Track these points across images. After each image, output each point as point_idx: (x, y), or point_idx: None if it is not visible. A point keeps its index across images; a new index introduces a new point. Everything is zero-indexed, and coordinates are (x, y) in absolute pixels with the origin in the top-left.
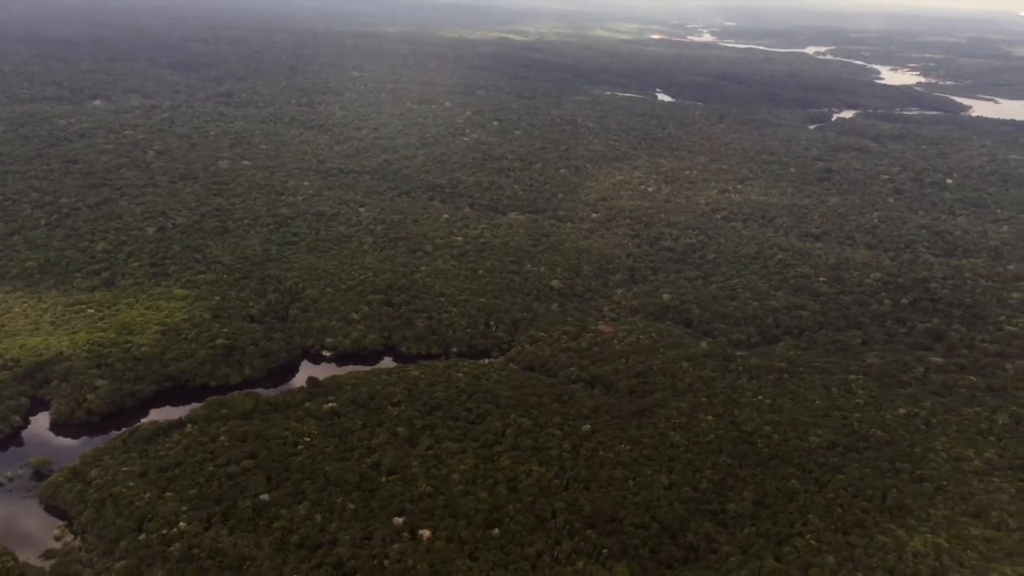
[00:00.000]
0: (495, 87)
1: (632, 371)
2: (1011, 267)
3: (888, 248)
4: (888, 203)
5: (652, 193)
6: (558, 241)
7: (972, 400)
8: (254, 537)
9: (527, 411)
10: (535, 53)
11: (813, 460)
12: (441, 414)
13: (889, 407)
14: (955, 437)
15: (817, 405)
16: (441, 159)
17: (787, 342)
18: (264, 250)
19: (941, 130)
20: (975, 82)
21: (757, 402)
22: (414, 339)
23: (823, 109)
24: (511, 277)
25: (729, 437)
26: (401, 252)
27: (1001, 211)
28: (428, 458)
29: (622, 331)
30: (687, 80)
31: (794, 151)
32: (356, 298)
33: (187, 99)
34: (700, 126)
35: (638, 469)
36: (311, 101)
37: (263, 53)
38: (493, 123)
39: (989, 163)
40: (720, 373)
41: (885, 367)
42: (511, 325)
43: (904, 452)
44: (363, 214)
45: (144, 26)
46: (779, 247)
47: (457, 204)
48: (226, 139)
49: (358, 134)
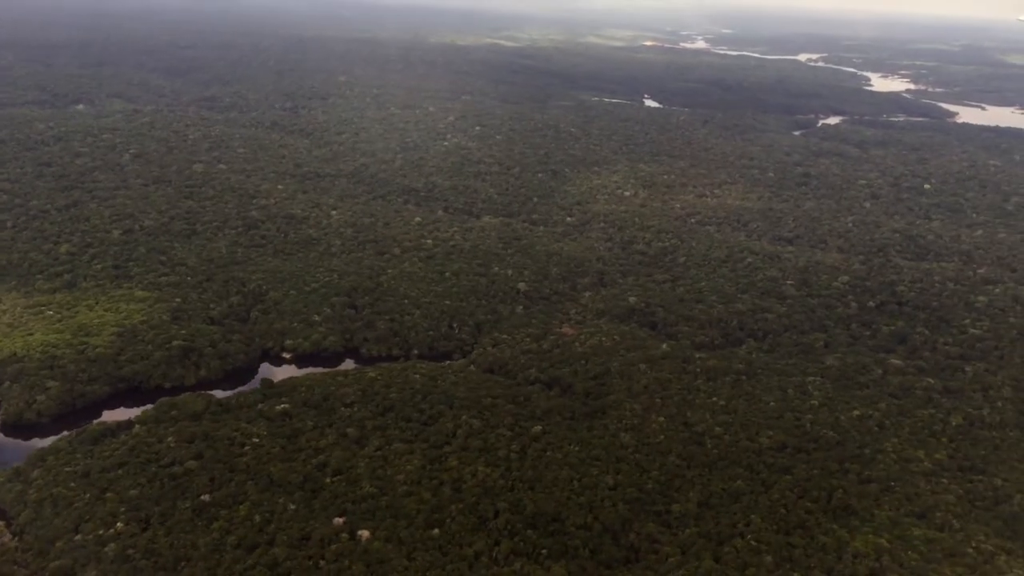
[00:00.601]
0: (481, 92)
1: (590, 373)
2: (981, 271)
3: (860, 252)
4: (864, 208)
5: (628, 197)
6: (529, 244)
7: (928, 402)
8: (191, 538)
9: (480, 412)
10: (525, 59)
11: (762, 461)
12: (394, 415)
13: (844, 409)
14: (907, 439)
15: (771, 407)
16: (419, 163)
17: (750, 344)
18: (230, 252)
19: (924, 136)
20: (964, 89)
21: (711, 403)
22: (375, 341)
23: (809, 115)
24: (477, 280)
25: (679, 438)
26: (369, 255)
27: (976, 216)
28: (375, 459)
29: (585, 333)
30: (676, 86)
31: (774, 156)
32: (319, 300)
33: (170, 103)
34: (682, 131)
35: (585, 470)
36: (295, 105)
37: (251, 58)
38: (475, 128)
39: (968, 168)
40: (677, 375)
41: (844, 369)
42: (475, 327)
43: (854, 453)
44: (334, 217)
45: (133, 31)
46: (749, 251)
47: (431, 208)
48: (204, 143)
49: (338, 138)
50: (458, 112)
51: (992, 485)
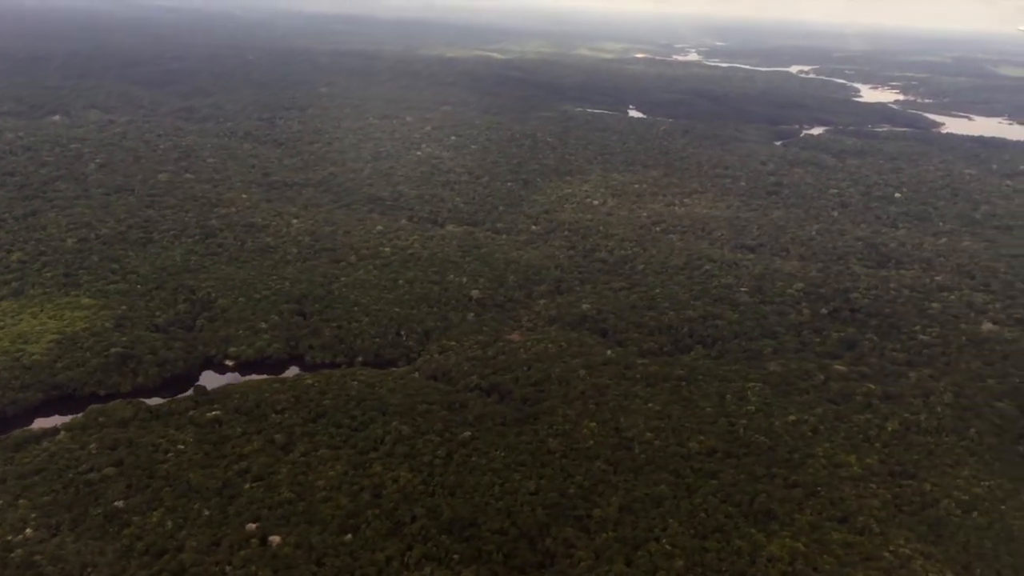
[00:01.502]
0: (462, 103)
1: (530, 379)
2: (938, 278)
3: (820, 260)
4: (832, 216)
5: (596, 206)
6: (488, 253)
7: (867, 407)
8: (100, 544)
9: (412, 418)
10: (512, 71)
11: (689, 466)
12: (324, 421)
13: (780, 414)
14: (840, 444)
15: (707, 412)
16: (387, 173)
17: (699, 351)
18: (184, 261)
19: (904, 146)
20: (953, 100)
21: (646, 409)
22: (320, 348)
23: (793, 126)
24: (431, 287)
25: (608, 443)
26: (324, 262)
27: (943, 224)
28: (299, 465)
29: (531, 340)
30: (662, 97)
31: (749, 166)
32: (268, 308)
33: (147, 114)
34: (660, 141)
35: (508, 475)
36: (272, 116)
37: (234, 70)
38: (450, 138)
39: (943, 177)
40: (616, 381)
41: (785, 375)
42: (423, 334)
43: (783, 458)
44: (295, 225)
45: (119, 43)
46: (708, 258)
47: (395, 216)
48: (174, 152)
49: (310, 148)
50: (436, 122)
51: (920, 490)
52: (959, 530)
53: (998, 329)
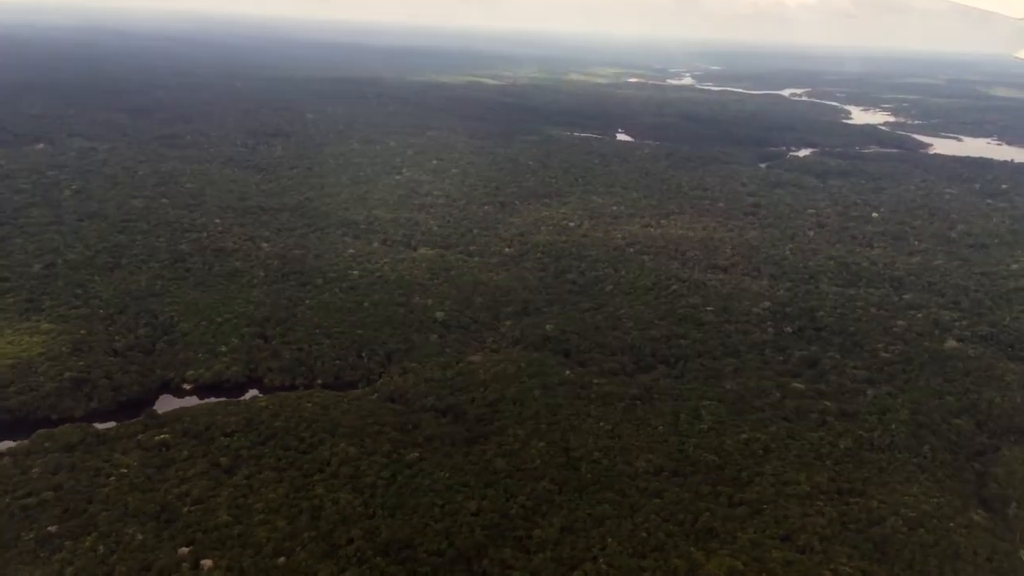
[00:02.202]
0: (448, 128)
1: (486, 400)
2: (907, 296)
3: (791, 279)
4: (807, 236)
5: (572, 228)
6: (457, 275)
7: (821, 425)
8: (30, 569)
9: (361, 440)
10: (502, 96)
11: (634, 485)
12: (273, 444)
13: (732, 432)
14: (791, 462)
15: (659, 431)
16: (364, 196)
17: (660, 370)
18: (149, 285)
19: (887, 166)
20: (943, 121)
21: (597, 428)
22: (279, 371)
23: (780, 148)
24: (396, 309)
25: (555, 463)
26: (290, 286)
27: (919, 243)
28: (240, 487)
29: (492, 361)
30: (650, 121)
31: (729, 187)
32: (229, 331)
33: (130, 141)
34: (642, 164)
35: (450, 496)
36: (256, 142)
37: (221, 98)
38: (432, 162)
39: (923, 197)
40: (570, 400)
41: (742, 393)
42: (385, 356)
43: (731, 477)
44: (265, 249)
45: (107, 72)
46: (677, 278)
47: (368, 240)
48: (153, 178)
49: (289, 173)
50: (418, 147)
51: (868, 507)
52: (904, 548)
53: (961, 346)
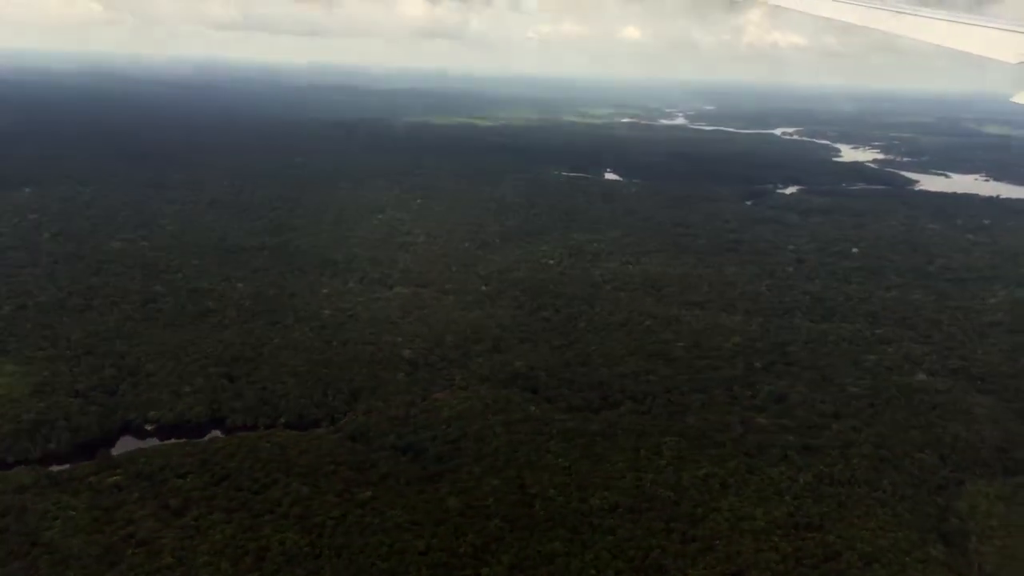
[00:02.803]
0: (436, 168)
1: (448, 437)
2: (879, 331)
3: (766, 314)
4: (786, 272)
5: (551, 266)
6: (430, 313)
7: (782, 459)
8: None
9: (315, 480)
10: (494, 136)
11: (588, 522)
12: (226, 484)
13: (691, 468)
14: (749, 497)
15: (617, 467)
16: (345, 236)
17: (628, 406)
18: (119, 326)
19: (871, 203)
20: (932, 158)
21: (555, 465)
22: (242, 411)
23: (767, 185)
24: (364, 348)
25: (509, 501)
26: (260, 325)
27: (896, 278)
28: (188, 529)
29: (458, 399)
30: (639, 160)
31: (711, 224)
32: (195, 371)
33: (119, 185)
34: (627, 202)
35: (399, 535)
36: (243, 184)
37: (214, 141)
38: (416, 201)
39: (904, 232)
40: (531, 437)
41: (705, 428)
42: (350, 395)
43: (686, 513)
44: (239, 289)
45: (104, 117)
46: (650, 315)
47: (345, 279)
48: (134, 220)
49: (272, 214)
50: (405, 187)
51: (824, 542)
52: None
53: (930, 380)
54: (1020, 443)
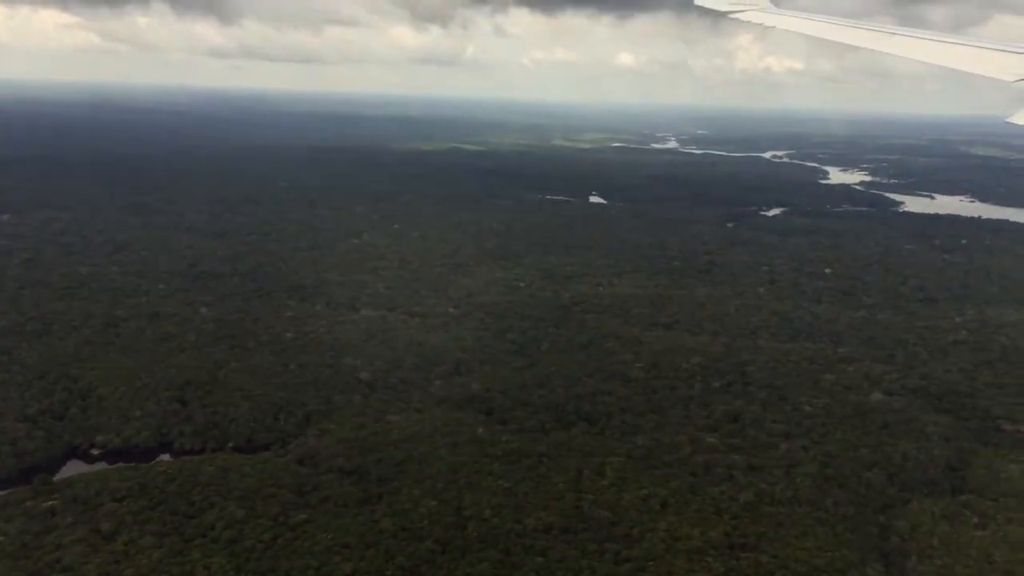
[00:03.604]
0: (419, 193)
1: (393, 460)
2: (842, 350)
3: (730, 335)
4: (758, 292)
5: (522, 288)
6: (394, 336)
7: (726, 479)
8: None
9: (253, 503)
10: (481, 161)
11: (521, 543)
12: (162, 508)
13: (633, 488)
14: (689, 517)
15: (558, 488)
16: (317, 260)
17: (580, 427)
18: (76, 351)
19: (852, 224)
20: (919, 180)
21: (496, 486)
22: (191, 435)
23: (751, 208)
24: (322, 370)
25: (444, 522)
26: (220, 349)
27: (867, 298)
28: (116, 554)
29: (411, 421)
30: (625, 183)
31: (688, 246)
32: (147, 395)
33: (98, 210)
34: (606, 225)
35: (327, 558)
36: (222, 210)
37: (200, 167)
38: (394, 226)
39: (880, 253)
40: (475, 459)
41: (652, 448)
42: (303, 418)
43: (622, 534)
44: (203, 313)
45: (95, 146)
46: (614, 336)
47: (313, 302)
48: (108, 246)
49: (248, 239)
50: (384, 212)
51: (757, 562)
52: None
53: (887, 399)
54: (972, 462)
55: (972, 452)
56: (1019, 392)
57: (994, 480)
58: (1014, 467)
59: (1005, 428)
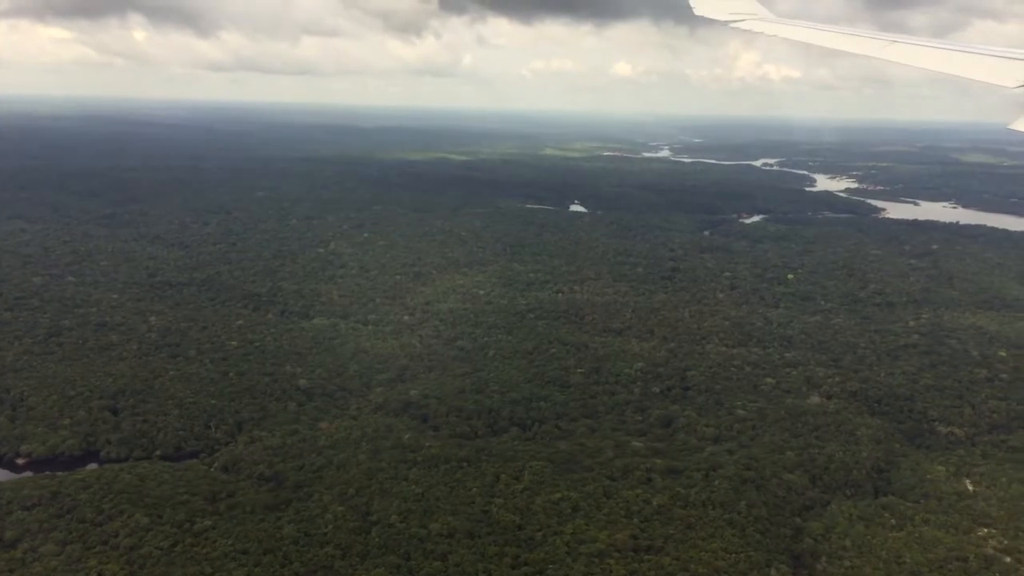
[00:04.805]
0: (396, 202)
1: (313, 466)
2: (789, 355)
3: (679, 340)
4: (716, 298)
5: (480, 296)
6: (341, 344)
7: (644, 482)
8: None
9: (160, 510)
10: (467, 171)
11: (422, 548)
12: (70, 516)
13: (548, 492)
14: (597, 520)
15: (471, 493)
16: (277, 269)
17: (512, 432)
18: (15, 360)
19: (826, 230)
20: (906, 186)
21: (409, 491)
22: (118, 443)
23: (731, 215)
24: (261, 378)
25: (347, 528)
26: (160, 358)
27: (824, 303)
28: (14, 562)
29: (340, 428)
30: (609, 191)
31: (656, 253)
32: (79, 404)
33: (69, 222)
34: (578, 233)
35: (222, 564)
36: (192, 220)
37: (180, 178)
38: (363, 235)
39: (846, 259)
40: (393, 464)
41: (575, 453)
42: (235, 426)
43: (526, 537)
44: (151, 322)
45: (75, 158)
46: (560, 342)
47: (265, 311)
48: (68, 257)
49: (213, 248)
50: (356, 222)
51: (659, 564)
52: None
53: (823, 402)
54: (899, 464)
55: (902, 454)
56: (958, 395)
57: (918, 482)
58: (940, 469)
59: (939, 430)
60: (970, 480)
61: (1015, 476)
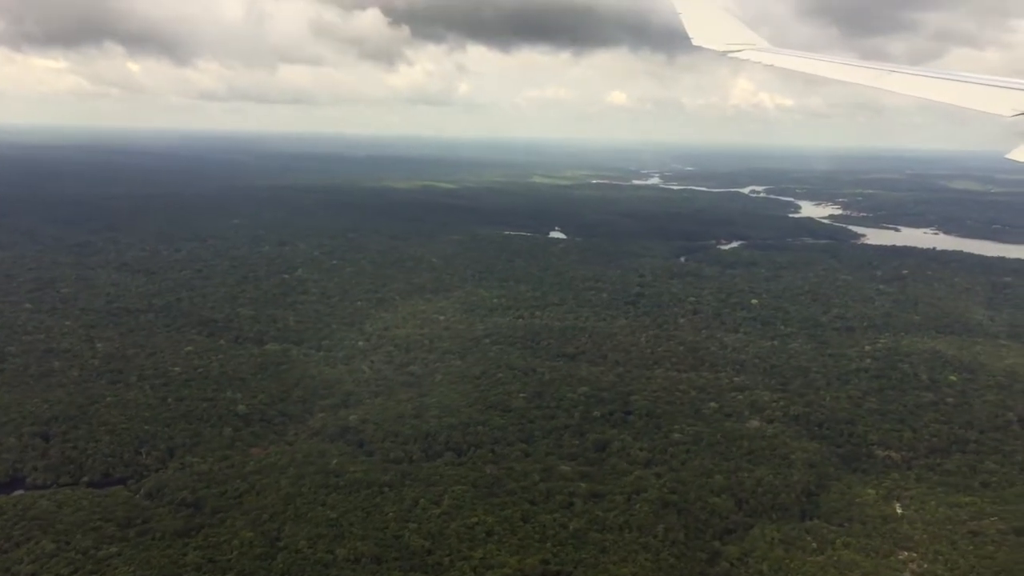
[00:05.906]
0: (371, 230)
1: (236, 492)
2: (737, 379)
3: (630, 365)
4: (677, 323)
5: (440, 321)
6: (287, 369)
7: (566, 507)
8: None
9: (68, 537)
10: (449, 199)
11: (326, 573)
12: None
13: (464, 517)
14: (509, 545)
15: (387, 517)
16: (237, 295)
17: (446, 457)
18: None
19: (800, 256)
20: (889, 213)
21: (322, 516)
22: (44, 470)
23: (709, 241)
24: (199, 404)
25: (253, 554)
26: (100, 384)
27: (784, 327)
28: None
29: (271, 454)
30: (590, 219)
31: (625, 279)
32: (10, 431)
33: (41, 250)
34: (549, 259)
35: None
36: (164, 247)
37: (159, 206)
38: (332, 262)
39: (813, 284)
40: (314, 489)
41: (499, 477)
42: (167, 452)
43: (433, 562)
44: (98, 349)
45: (59, 186)
46: (508, 367)
47: (218, 337)
48: (30, 284)
49: (177, 275)
50: (327, 248)
51: None
52: None
53: (761, 426)
54: (830, 487)
55: (835, 478)
56: (900, 419)
57: (846, 505)
58: (871, 492)
59: (877, 454)
60: (899, 503)
61: (944, 500)
